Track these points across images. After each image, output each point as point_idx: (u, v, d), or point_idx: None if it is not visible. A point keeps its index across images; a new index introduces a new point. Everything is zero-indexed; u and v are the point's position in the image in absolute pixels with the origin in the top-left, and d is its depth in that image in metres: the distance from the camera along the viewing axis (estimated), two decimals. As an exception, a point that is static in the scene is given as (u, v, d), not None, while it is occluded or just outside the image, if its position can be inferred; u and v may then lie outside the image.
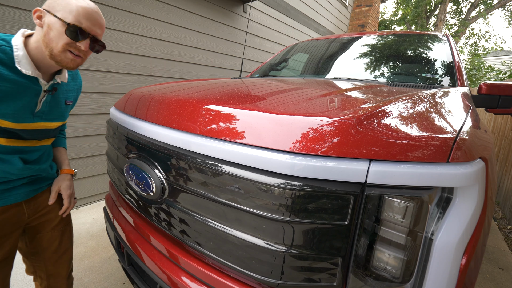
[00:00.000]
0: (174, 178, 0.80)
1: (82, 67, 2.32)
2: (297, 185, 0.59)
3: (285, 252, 0.62)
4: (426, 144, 0.59)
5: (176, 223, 0.82)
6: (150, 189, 0.85)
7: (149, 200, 0.89)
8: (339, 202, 0.58)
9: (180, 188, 0.80)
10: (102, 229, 2.16)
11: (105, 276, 1.66)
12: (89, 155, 2.49)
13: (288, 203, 0.60)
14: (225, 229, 0.70)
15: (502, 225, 2.90)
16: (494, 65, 9.87)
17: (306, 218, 0.60)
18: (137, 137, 0.94)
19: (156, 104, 0.95)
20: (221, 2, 3.62)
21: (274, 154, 0.62)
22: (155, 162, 0.85)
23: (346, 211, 0.58)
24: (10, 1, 1.90)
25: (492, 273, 1.99)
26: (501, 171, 3.50)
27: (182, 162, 0.77)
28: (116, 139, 1.11)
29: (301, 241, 0.62)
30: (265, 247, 0.64)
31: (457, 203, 0.59)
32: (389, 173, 0.56)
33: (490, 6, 13.21)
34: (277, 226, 0.63)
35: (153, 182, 0.84)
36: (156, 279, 0.88)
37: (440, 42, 1.80)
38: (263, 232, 0.65)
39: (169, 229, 0.85)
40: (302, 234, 0.61)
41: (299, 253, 0.62)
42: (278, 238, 0.63)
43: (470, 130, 0.71)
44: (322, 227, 0.60)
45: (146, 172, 0.86)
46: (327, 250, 0.61)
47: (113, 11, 2.48)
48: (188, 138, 0.77)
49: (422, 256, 0.59)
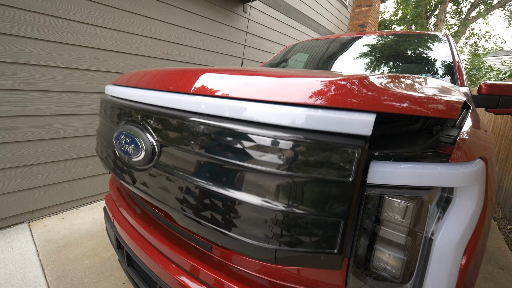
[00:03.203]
0: (166, 139, 0.77)
1: (83, 67, 2.32)
2: (301, 138, 0.57)
3: (284, 211, 0.58)
4: (429, 99, 0.59)
5: (166, 188, 0.78)
6: (139, 152, 0.82)
7: (138, 166, 0.86)
8: (344, 156, 0.55)
9: (173, 149, 0.76)
10: (102, 229, 2.16)
11: (105, 276, 1.66)
12: (89, 155, 2.49)
13: (290, 157, 0.57)
14: (219, 189, 0.66)
15: (502, 225, 2.90)
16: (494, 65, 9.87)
17: (309, 173, 0.56)
18: (132, 104, 0.92)
19: (153, 74, 0.95)
20: (221, 2, 3.62)
21: (275, 106, 0.60)
22: (147, 125, 0.83)
23: (350, 166, 0.54)
24: (10, 1, 1.90)
25: (492, 273, 1.99)
26: (501, 171, 3.49)
27: (176, 122, 0.74)
28: (109, 111, 1.08)
29: (302, 199, 0.58)
30: (263, 206, 0.60)
31: (457, 203, 0.59)
32: (389, 172, 0.56)
33: (490, 6, 13.21)
34: (278, 183, 0.59)
35: (143, 145, 0.81)
36: (156, 279, 0.88)
37: (440, 42, 1.80)
38: (262, 190, 0.61)
39: (157, 196, 0.80)
40: (303, 191, 0.58)
41: (298, 213, 0.58)
42: (278, 196, 0.59)
43: (470, 130, 0.71)
44: (325, 184, 0.56)
45: (137, 135, 0.83)
46: (329, 210, 0.56)
47: (113, 11, 2.48)
48: (185, 97, 0.75)
49: (422, 256, 0.59)
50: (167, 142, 0.77)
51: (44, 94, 2.14)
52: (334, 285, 0.66)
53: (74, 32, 2.25)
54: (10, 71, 1.96)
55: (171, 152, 0.77)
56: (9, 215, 2.09)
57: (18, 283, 1.56)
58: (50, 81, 2.16)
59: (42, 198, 2.25)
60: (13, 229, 2.09)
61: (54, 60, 2.16)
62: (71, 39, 2.23)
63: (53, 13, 2.11)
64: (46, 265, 1.72)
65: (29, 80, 2.05)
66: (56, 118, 2.23)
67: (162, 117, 0.78)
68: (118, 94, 1.04)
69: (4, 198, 2.05)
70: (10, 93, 1.98)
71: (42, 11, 2.05)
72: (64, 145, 2.30)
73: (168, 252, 0.88)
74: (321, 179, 0.56)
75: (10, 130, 2.01)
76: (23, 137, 2.07)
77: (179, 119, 0.73)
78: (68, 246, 1.92)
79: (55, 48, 2.16)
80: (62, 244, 1.94)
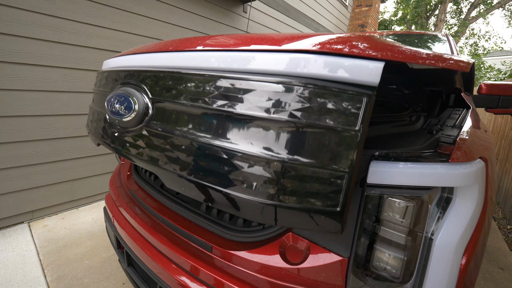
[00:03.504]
0: (162, 95, 0.75)
1: (83, 67, 2.32)
2: (308, 84, 0.55)
3: (286, 163, 0.55)
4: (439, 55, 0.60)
5: (159, 148, 0.74)
6: (131, 110, 0.79)
7: (129, 127, 0.82)
8: (352, 103, 0.53)
9: (169, 104, 0.74)
10: (102, 229, 2.16)
11: (105, 276, 1.66)
12: (89, 155, 2.49)
13: (296, 104, 0.55)
14: (219, 141, 0.63)
15: (502, 225, 2.90)
16: (494, 65, 9.87)
17: (314, 121, 0.54)
18: (128, 68, 0.91)
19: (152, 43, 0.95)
20: (221, 2, 3.62)
21: (281, 54, 0.59)
22: (141, 84, 0.81)
23: (357, 114, 0.52)
24: (10, 1, 1.90)
25: (492, 273, 1.99)
26: (501, 171, 3.49)
27: (175, 77, 0.73)
28: (104, 80, 1.05)
29: (305, 150, 0.55)
30: (265, 157, 0.57)
31: (457, 203, 0.59)
32: (389, 172, 0.56)
33: (490, 6, 13.21)
34: (281, 132, 0.57)
35: (135, 103, 0.79)
36: (156, 279, 0.88)
37: (440, 42, 1.80)
38: (265, 141, 0.58)
39: (149, 158, 0.76)
40: (307, 141, 0.55)
41: (300, 164, 0.55)
42: (281, 146, 0.56)
43: (470, 130, 0.71)
44: (330, 133, 0.54)
45: (130, 94, 0.81)
46: (333, 162, 0.53)
47: (113, 11, 2.48)
48: (185, 55, 0.74)
49: (422, 256, 0.59)
50: (163, 98, 0.74)
51: (44, 94, 2.14)
52: (334, 285, 0.66)
53: (74, 32, 2.24)
54: (10, 71, 1.96)
55: (167, 108, 0.74)
56: (9, 215, 2.09)
57: (18, 283, 1.56)
58: (50, 81, 2.16)
59: (42, 198, 2.25)
60: (13, 229, 2.09)
61: (54, 60, 2.16)
62: (71, 39, 2.23)
63: (53, 13, 2.11)
64: (46, 265, 1.72)
65: (29, 80, 2.05)
66: (56, 118, 2.23)
67: (159, 74, 0.77)
68: (114, 64, 1.03)
69: (4, 198, 2.05)
70: (10, 93, 1.98)
71: (42, 11, 2.05)
72: (64, 145, 2.30)
73: (168, 252, 0.88)
74: (326, 127, 0.53)
75: (10, 130, 2.01)
76: (23, 137, 2.07)
77: (177, 74, 0.72)
78: (68, 246, 1.92)
79: (55, 48, 2.15)
80: (62, 244, 1.94)
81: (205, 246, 0.84)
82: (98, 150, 2.55)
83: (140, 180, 1.21)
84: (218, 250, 0.81)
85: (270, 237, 0.77)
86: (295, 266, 0.70)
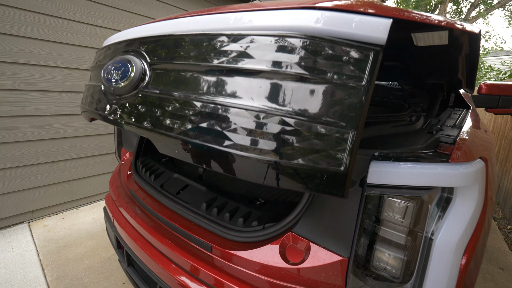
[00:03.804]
0: (161, 58, 0.74)
1: (83, 67, 2.32)
2: (316, 38, 0.54)
3: (289, 118, 0.53)
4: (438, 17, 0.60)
5: (154, 112, 0.72)
6: (128, 75, 0.78)
7: (125, 94, 0.80)
8: (359, 58, 0.52)
9: (167, 66, 0.72)
10: (102, 229, 2.16)
11: (105, 276, 1.66)
12: (89, 155, 2.49)
13: (302, 57, 0.54)
14: (218, 99, 0.60)
15: (502, 225, 2.90)
16: (494, 65, 9.87)
17: (321, 75, 0.53)
18: (129, 38, 0.91)
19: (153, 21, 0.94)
20: (221, 2, 3.62)
21: (287, 11, 0.59)
22: (142, 51, 0.80)
23: (364, 69, 0.51)
24: (10, 1, 1.90)
25: (492, 273, 1.99)
26: (501, 171, 3.49)
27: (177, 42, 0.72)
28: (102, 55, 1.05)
29: (310, 104, 0.53)
30: (267, 112, 0.55)
31: (457, 203, 0.59)
32: (389, 172, 0.56)
33: (490, 6, 13.21)
34: (286, 86, 0.55)
35: (133, 69, 0.77)
36: (156, 279, 0.88)
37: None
38: (269, 96, 0.56)
39: (143, 123, 0.74)
40: (312, 95, 0.53)
41: (304, 120, 0.53)
42: (286, 100, 0.54)
43: (470, 130, 0.71)
44: (336, 87, 0.52)
45: (129, 60, 0.80)
46: (338, 117, 0.51)
47: (113, 11, 2.48)
48: (188, 19, 0.74)
49: (422, 256, 0.59)
50: (162, 61, 0.73)
51: (44, 94, 2.14)
52: (334, 285, 0.66)
53: (74, 32, 2.24)
54: (10, 71, 1.96)
55: (165, 69, 0.73)
56: (9, 215, 2.09)
57: (18, 283, 1.56)
58: (50, 81, 2.16)
59: (42, 198, 2.25)
60: (13, 229, 2.09)
61: (54, 60, 2.16)
62: (71, 39, 2.23)
63: (53, 13, 2.11)
64: (46, 265, 1.72)
65: (29, 80, 2.05)
66: (56, 118, 2.23)
67: (159, 40, 0.76)
68: (114, 38, 1.02)
69: (4, 198, 2.05)
70: (10, 93, 1.98)
71: (42, 11, 2.05)
72: (64, 145, 2.30)
73: (168, 252, 0.88)
74: (332, 82, 0.52)
75: (10, 130, 2.01)
76: (23, 137, 2.07)
77: (179, 37, 0.71)
78: (68, 246, 1.92)
79: (55, 48, 2.15)
80: (62, 244, 1.94)
81: (205, 246, 0.84)
82: (98, 150, 2.55)
83: (140, 180, 1.21)
84: (218, 250, 0.81)
85: (270, 237, 0.77)
86: (295, 266, 0.70)
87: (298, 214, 0.73)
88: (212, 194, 1.04)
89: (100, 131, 2.54)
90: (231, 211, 0.91)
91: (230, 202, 0.97)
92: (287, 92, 0.54)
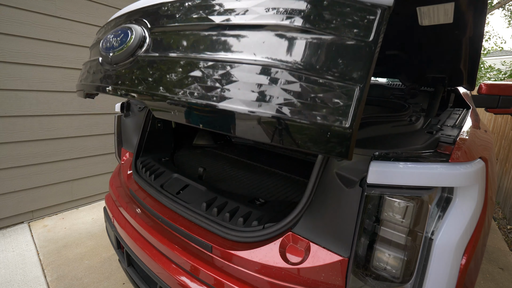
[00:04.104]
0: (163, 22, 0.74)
1: (82, 67, 2.32)
2: None
3: (294, 71, 0.52)
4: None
5: (154, 75, 0.71)
6: (127, 40, 0.77)
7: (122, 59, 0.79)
8: (367, 14, 0.51)
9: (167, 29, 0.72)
10: (102, 229, 2.16)
11: (105, 276, 1.66)
12: (89, 155, 2.49)
13: (308, 11, 0.53)
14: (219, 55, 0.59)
15: (502, 225, 2.90)
16: (494, 65, 9.86)
17: (327, 30, 0.51)
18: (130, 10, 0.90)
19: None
20: None
21: None
22: (143, 19, 0.80)
23: (371, 25, 0.50)
24: (10, 1, 1.90)
25: (492, 273, 1.99)
26: (501, 171, 3.49)
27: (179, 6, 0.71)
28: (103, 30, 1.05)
29: (316, 59, 0.52)
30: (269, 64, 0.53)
31: (457, 203, 0.59)
32: (389, 172, 0.56)
33: (490, 6, 13.21)
34: (291, 40, 0.53)
35: (132, 34, 0.77)
36: (156, 279, 0.88)
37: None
38: (271, 49, 0.54)
39: (141, 88, 0.72)
40: (318, 50, 0.52)
41: (310, 73, 0.51)
42: (290, 54, 0.53)
43: (470, 130, 0.71)
44: (343, 42, 0.51)
45: (129, 27, 0.80)
46: (344, 73, 0.50)
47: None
48: None
49: (422, 256, 0.59)
50: (163, 24, 0.73)
51: (44, 94, 2.14)
52: (334, 285, 0.66)
53: (74, 32, 2.24)
54: (10, 71, 1.96)
55: (165, 32, 0.72)
56: (9, 215, 2.09)
57: (18, 283, 1.56)
58: (50, 81, 2.16)
59: (42, 198, 2.25)
60: (13, 229, 2.09)
61: (54, 60, 2.16)
62: (71, 39, 2.23)
63: (53, 13, 2.11)
64: (46, 265, 1.72)
65: (29, 80, 2.05)
66: (56, 118, 2.23)
67: (161, 6, 0.76)
68: (117, 14, 1.02)
69: (4, 198, 2.05)
70: (10, 93, 1.98)
71: (42, 11, 2.05)
72: (64, 145, 2.30)
73: (168, 252, 0.88)
74: (338, 36, 0.50)
75: (10, 130, 2.01)
76: (23, 137, 2.07)
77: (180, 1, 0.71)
78: (68, 246, 1.92)
79: (55, 48, 2.15)
80: (62, 244, 1.94)
81: (205, 246, 0.84)
82: (98, 150, 2.55)
83: (140, 180, 1.21)
84: (218, 250, 0.81)
85: (270, 237, 0.77)
86: (295, 266, 0.70)
87: (298, 214, 0.73)
88: (212, 194, 1.04)
89: (100, 131, 2.54)
90: (231, 211, 0.91)
91: (230, 202, 0.97)
92: (290, 46, 0.52)
